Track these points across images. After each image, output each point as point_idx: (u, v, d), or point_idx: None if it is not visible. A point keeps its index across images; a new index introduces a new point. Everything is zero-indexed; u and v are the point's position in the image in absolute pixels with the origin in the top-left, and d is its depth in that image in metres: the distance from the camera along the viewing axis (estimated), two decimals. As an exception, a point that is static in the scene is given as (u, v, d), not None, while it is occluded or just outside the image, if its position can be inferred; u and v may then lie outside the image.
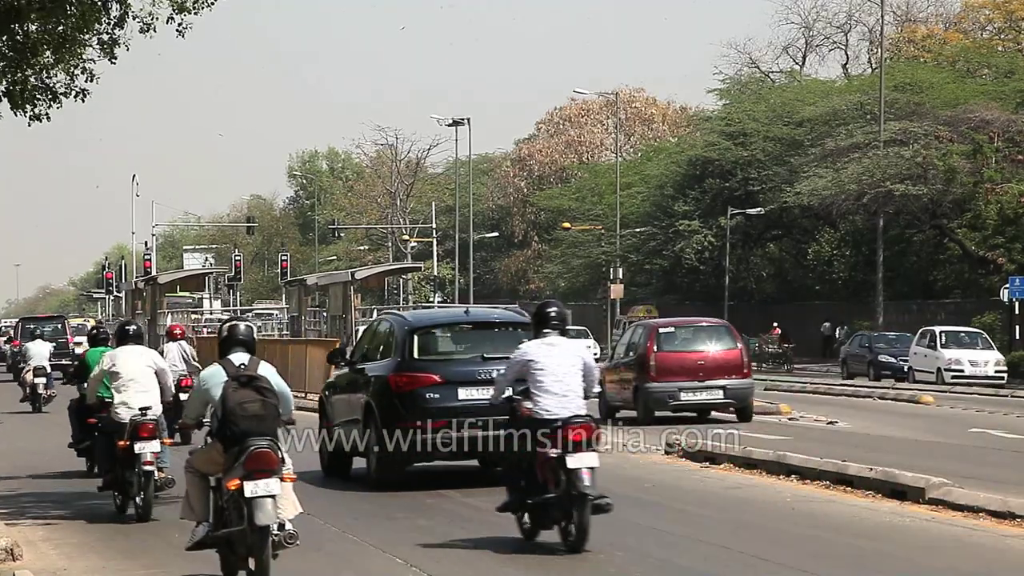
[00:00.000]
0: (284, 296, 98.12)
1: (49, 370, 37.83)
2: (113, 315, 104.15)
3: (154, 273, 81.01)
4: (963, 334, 48.94)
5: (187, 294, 78.29)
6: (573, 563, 13.50)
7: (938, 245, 64.87)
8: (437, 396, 18.36)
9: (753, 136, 72.92)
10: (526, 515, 14.16)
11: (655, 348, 29.84)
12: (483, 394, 17.32)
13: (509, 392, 14.43)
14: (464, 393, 18.37)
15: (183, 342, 27.87)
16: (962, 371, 46.42)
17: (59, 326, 60.35)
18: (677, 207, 75.55)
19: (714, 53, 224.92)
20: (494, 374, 16.95)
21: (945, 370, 46.57)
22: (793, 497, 17.40)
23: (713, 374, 29.51)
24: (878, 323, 57.86)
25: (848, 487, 17.65)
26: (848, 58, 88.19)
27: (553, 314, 14.28)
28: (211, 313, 74.66)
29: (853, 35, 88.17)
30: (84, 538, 15.93)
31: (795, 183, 64.68)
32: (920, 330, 49.59)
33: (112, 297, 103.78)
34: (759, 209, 70.18)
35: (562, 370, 13.96)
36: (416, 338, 19.06)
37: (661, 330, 30.52)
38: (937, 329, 48.87)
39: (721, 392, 29.46)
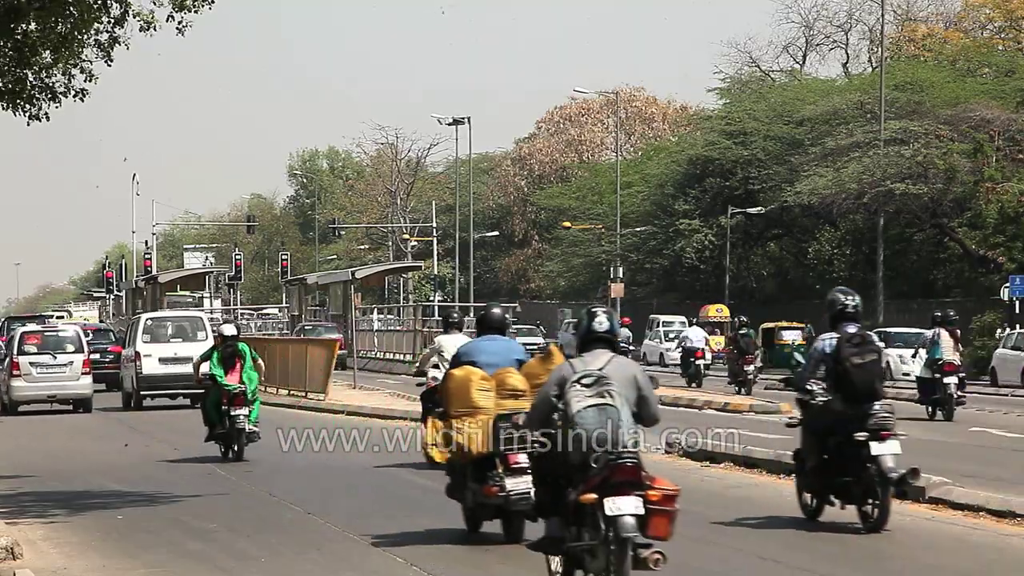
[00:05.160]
0: (284, 295, 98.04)
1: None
2: (113, 314, 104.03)
3: (154, 272, 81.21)
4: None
5: (187, 293, 78.28)
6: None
7: (938, 244, 64.80)
8: None
9: (753, 135, 72.89)
10: None
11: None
12: None
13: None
14: None
15: None
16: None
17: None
18: (677, 206, 75.55)
19: (714, 52, 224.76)
20: None
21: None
22: (794, 496, 17.38)
23: None
24: (879, 321, 57.80)
25: (849, 486, 17.60)
26: (848, 57, 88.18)
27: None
28: (211, 312, 74.56)
29: (853, 34, 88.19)
30: (84, 537, 15.90)
31: (795, 182, 64.66)
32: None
33: (112, 296, 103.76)
34: (759, 208, 70.15)
35: None
36: None
37: None
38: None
39: None
